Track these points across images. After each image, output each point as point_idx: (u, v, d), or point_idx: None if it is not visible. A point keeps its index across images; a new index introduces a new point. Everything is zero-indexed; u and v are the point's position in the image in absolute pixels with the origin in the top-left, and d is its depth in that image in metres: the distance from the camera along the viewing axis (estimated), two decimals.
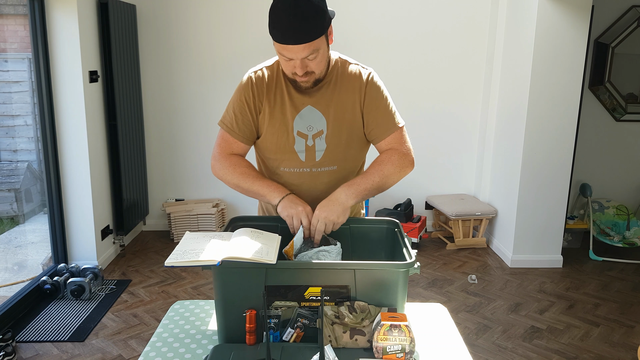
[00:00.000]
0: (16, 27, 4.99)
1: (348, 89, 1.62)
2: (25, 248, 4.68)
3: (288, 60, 1.49)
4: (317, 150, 1.63)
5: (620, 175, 4.76)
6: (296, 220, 1.53)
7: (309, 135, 1.62)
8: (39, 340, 2.93)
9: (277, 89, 1.63)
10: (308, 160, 1.64)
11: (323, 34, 1.47)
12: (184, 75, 4.52)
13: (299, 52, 1.45)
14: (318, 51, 1.48)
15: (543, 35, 3.66)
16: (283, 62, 1.52)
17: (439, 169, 4.74)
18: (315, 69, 1.52)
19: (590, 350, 2.93)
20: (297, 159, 1.64)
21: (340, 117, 1.61)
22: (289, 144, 1.62)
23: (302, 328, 1.32)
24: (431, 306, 1.65)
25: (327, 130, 1.61)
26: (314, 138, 1.62)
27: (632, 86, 4.57)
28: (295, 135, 1.62)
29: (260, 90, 1.63)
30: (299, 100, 1.61)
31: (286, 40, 1.44)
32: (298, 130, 1.61)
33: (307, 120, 1.61)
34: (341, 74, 1.63)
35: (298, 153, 1.63)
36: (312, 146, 1.62)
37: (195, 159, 4.66)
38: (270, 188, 1.61)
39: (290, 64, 1.51)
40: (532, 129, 3.82)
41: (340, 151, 1.64)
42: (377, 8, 4.43)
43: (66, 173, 3.69)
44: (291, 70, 1.52)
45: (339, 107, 1.61)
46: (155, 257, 4.15)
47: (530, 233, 3.99)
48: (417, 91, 4.57)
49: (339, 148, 1.64)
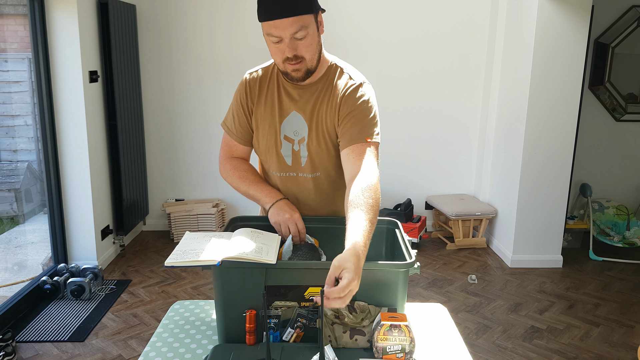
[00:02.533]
0: (16, 27, 4.99)
1: (332, 98, 1.57)
2: (25, 248, 4.68)
3: (278, 42, 1.46)
4: (302, 156, 1.61)
5: (620, 175, 4.76)
6: (284, 227, 1.53)
7: (295, 140, 1.61)
8: (39, 340, 2.93)
9: (269, 90, 1.62)
10: (294, 164, 1.63)
11: (312, 12, 1.44)
12: (184, 75, 4.52)
13: (287, 27, 1.42)
14: (307, 30, 1.44)
15: (543, 35, 3.66)
16: (273, 49, 1.49)
17: (439, 169, 4.74)
18: (305, 53, 1.48)
19: (590, 350, 2.93)
20: (284, 162, 1.63)
21: (320, 125, 1.58)
22: (276, 147, 1.62)
23: (302, 328, 1.32)
24: (431, 306, 1.65)
25: (307, 138, 1.59)
26: (299, 143, 1.61)
27: (632, 86, 4.57)
28: (282, 139, 1.61)
29: (253, 91, 1.63)
30: (287, 105, 1.60)
31: (273, 14, 1.41)
32: (285, 135, 1.61)
33: (292, 125, 1.60)
34: (330, 81, 1.59)
35: (285, 157, 1.62)
36: (297, 151, 1.61)
37: (195, 159, 4.66)
38: (264, 192, 1.62)
39: (280, 48, 1.47)
40: (532, 129, 3.82)
41: (322, 159, 1.61)
42: (377, 10, 4.43)
43: (66, 173, 3.69)
44: (281, 56, 1.48)
45: (320, 115, 1.58)
46: (155, 257, 4.15)
47: (530, 233, 3.99)
48: (417, 91, 4.57)
49: (320, 156, 1.61)
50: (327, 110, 1.58)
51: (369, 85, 1.60)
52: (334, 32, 4.41)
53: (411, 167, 4.71)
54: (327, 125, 1.58)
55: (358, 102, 1.55)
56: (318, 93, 1.59)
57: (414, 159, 4.70)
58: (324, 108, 1.58)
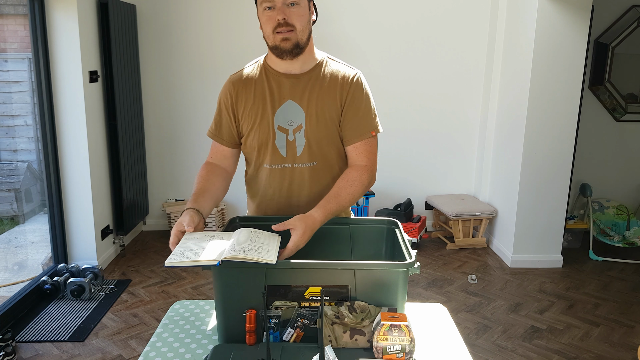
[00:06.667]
0: (16, 27, 4.99)
1: (331, 86, 1.63)
2: (25, 248, 4.68)
3: (270, 9, 1.53)
4: (297, 145, 1.63)
5: (620, 175, 4.76)
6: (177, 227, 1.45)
7: (289, 130, 1.63)
8: (39, 340, 2.93)
9: (256, 85, 1.65)
10: (289, 155, 1.65)
11: None
12: (184, 75, 4.52)
13: None
14: (299, 3, 1.53)
15: (543, 35, 3.66)
16: (265, 19, 1.55)
17: (439, 169, 4.74)
18: (296, 23, 1.54)
19: (590, 350, 2.93)
20: (278, 154, 1.65)
21: (320, 112, 1.62)
22: (270, 139, 1.63)
23: (302, 328, 1.32)
24: (431, 306, 1.65)
25: (305, 125, 1.62)
26: (294, 132, 1.63)
27: (632, 86, 4.57)
28: (275, 130, 1.63)
29: (238, 90, 1.67)
30: (279, 95, 1.63)
31: None
32: (279, 125, 1.63)
33: (287, 114, 1.62)
34: (325, 70, 1.65)
35: (279, 148, 1.64)
36: (292, 141, 1.63)
37: (195, 158, 4.66)
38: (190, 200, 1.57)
39: (271, 16, 1.53)
40: (532, 128, 3.82)
41: (320, 147, 1.64)
42: (377, 11, 4.43)
43: (66, 173, 3.69)
44: (273, 23, 1.54)
45: (319, 103, 1.62)
46: (155, 257, 4.15)
47: (530, 233, 3.99)
48: (418, 91, 4.57)
49: (318, 144, 1.64)
50: (326, 96, 1.62)
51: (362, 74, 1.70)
52: (334, 34, 4.41)
53: (411, 167, 4.71)
54: (328, 111, 1.62)
55: (361, 93, 1.64)
56: (314, 80, 1.63)
57: (414, 159, 4.70)
58: (323, 94, 1.62)
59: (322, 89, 1.62)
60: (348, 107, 1.63)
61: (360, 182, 1.61)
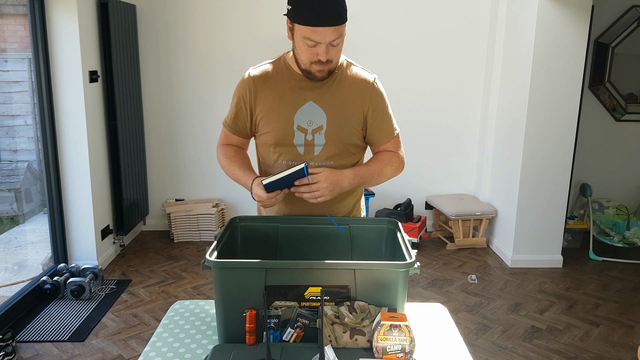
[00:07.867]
0: (16, 27, 4.99)
1: (351, 89, 1.66)
2: (25, 248, 4.68)
3: (314, 45, 1.51)
4: (315, 145, 1.66)
5: (620, 175, 4.76)
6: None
7: (308, 130, 1.65)
8: (39, 340, 2.93)
9: (277, 83, 1.66)
10: (306, 154, 1.67)
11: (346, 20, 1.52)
12: (184, 75, 4.52)
13: (328, 35, 1.47)
14: (342, 37, 1.52)
15: (543, 35, 3.66)
16: (304, 49, 1.53)
17: (439, 169, 4.74)
18: (334, 57, 1.56)
19: (590, 350, 2.93)
20: (295, 152, 1.67)
21: (341, 114, 1.65)
22: (288, 137, 1.65)
23: (302, 328, 1.32)
24: (431, 306, 1.65)
25: (326, 126, 1.64)
26: (313, 133, 1.65)
27: (632, 86, 4.57)
28: (295, 129, 1.65)
29: (257, 87, 1.66)
30: (301, 95, 1.64)
31: (318, 21, 1.45)
32: (298, 125, 1.64)
33: (307, 115, 1.64)
34: (346, 73, 1.67)
35: (297, 147, 1.66)
36: (311, 140, 1.66)
37: (195, 158, 4.66)
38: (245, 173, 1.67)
39: (313, 51, 1.52)
40: (532, 128, 3.82)
41: (339, 147, 1.67)
42: (377, 10, 4.43)
43: (66, 173, 3.69)
44: (312, 58, 1.54)
45: (340, 105, 1.65)
46: (155, 257, 4.15)
47: (530, 233, 3.99)
48: (418, 91, 4.57)
49: (337, 144, 1.66)
50: (348, 99, 1.65)
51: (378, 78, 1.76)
52: None
53: (411, 167, 4.71)
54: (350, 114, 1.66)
55: (382, 98, 1.71)
56: (336, 84, 1.65)
57: (414, 159, 4.70)
58: (345, 97, 1.65)
59: (343, 92, 1.65)
60: (374, 113, 1.68)
61: (390, 163, 1.71)
